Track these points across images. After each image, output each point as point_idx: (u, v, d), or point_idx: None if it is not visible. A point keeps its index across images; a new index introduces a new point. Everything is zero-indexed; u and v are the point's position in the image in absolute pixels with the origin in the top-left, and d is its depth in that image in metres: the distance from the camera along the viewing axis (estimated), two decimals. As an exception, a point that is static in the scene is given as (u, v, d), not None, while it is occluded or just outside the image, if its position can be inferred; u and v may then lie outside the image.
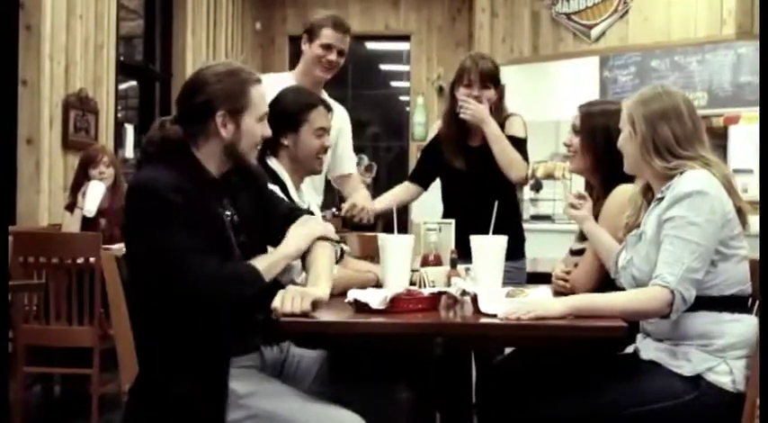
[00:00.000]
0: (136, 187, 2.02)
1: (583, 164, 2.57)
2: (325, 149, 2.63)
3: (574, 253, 2.62)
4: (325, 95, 3.25)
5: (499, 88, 3.19)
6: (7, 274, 2.82)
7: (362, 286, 2.29)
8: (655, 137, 2.14)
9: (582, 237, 2.61)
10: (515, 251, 3.20)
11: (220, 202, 2.08)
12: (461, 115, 3.14)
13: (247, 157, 2.11)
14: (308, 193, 2.82)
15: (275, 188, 2.49)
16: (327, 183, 3.49)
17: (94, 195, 4.19)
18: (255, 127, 2.08)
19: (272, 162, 2.59)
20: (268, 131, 2.13)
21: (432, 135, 3.36)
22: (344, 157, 3.44)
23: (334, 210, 2.37)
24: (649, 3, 7.07)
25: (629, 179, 2.38)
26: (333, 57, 3.23)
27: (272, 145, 2.61)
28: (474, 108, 3.11)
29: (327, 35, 3.22)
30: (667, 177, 2.14)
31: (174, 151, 2.06)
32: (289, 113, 2.58)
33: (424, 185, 3.39)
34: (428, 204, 3.55)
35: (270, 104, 2.22)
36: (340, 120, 3.33)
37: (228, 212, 2.08)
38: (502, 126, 3.17)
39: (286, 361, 2.20)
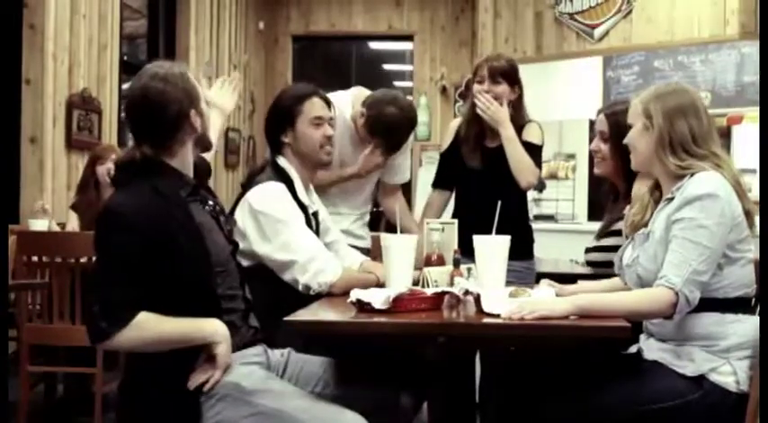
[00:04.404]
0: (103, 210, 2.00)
1: (611, 168, 2.60)
2: (328, 138, 2.61)
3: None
4: None
5: (516, 88, 3.15)
6: (7, 273, 2.82)
7: (365, 287, 2.29)
8: (672, 132, 2.12)
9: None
10: (526, 251, 3.20)
11: (208, 197, 2.14)
12: (479, 112, 3.11)
13: None
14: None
15: (283, 186, 2.52)
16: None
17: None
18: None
19: (282, 161, 2.62)
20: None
21: (448, 136, 3.33)
22: (400, 168, 3.34)
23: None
24: (653, 2, 7.06)
25: None
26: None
27: (276, 145, 2.62)
28: (494, 109, 3.08)
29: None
30: (677, 177, 2.13)
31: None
32: (283, 109, 2.61)
33: (449, 188, 3.34)
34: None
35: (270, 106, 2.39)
36: None
37: (211, 202, 2.13)
38: (520, 130, 3.15)
39: (288, 365, 2.20)
